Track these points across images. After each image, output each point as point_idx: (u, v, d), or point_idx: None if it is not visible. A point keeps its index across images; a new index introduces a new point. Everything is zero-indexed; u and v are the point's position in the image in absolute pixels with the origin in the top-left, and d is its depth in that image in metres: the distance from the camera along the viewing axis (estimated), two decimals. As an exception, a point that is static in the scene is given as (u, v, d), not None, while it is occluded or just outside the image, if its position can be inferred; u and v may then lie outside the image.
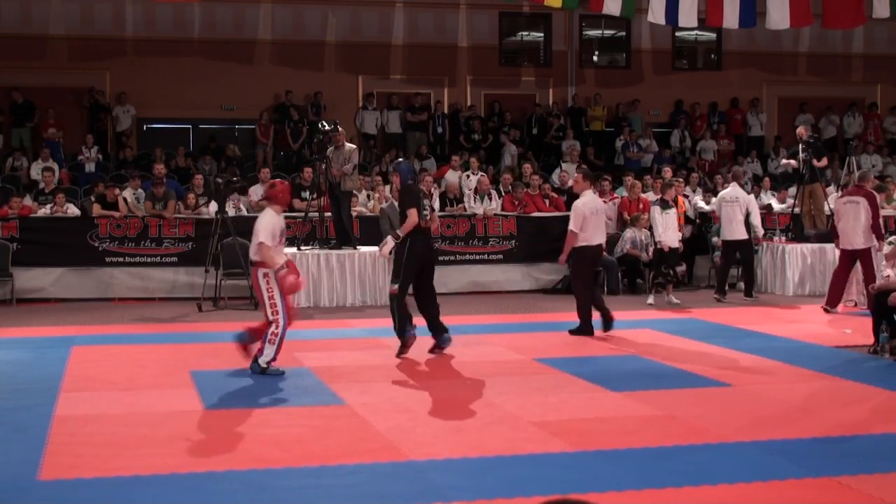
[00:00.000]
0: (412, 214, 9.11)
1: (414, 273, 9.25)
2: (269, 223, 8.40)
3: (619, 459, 5.93)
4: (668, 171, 16.90)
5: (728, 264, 14.38)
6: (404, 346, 9.27)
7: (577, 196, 15.61)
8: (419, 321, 9.49)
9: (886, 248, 10.41)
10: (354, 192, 14.41)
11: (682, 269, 14.27)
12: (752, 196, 14.80)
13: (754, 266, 14.51)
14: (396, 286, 9.16)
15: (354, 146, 14.18)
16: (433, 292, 9.44)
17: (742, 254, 14.28)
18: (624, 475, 5.61)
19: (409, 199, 9.23)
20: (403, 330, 9.23)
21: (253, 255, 8.49)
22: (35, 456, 5.94)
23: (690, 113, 21.65)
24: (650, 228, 13.93)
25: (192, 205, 14.66)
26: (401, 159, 10.25)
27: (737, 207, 13.94)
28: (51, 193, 14.93)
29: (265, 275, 8.37)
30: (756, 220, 14.35)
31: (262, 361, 8.40)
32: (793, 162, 15.22)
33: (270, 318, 8.34)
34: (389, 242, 9.49)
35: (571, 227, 10.77)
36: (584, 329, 10.68)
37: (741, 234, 13.97)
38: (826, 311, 12.45)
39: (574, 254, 10.86)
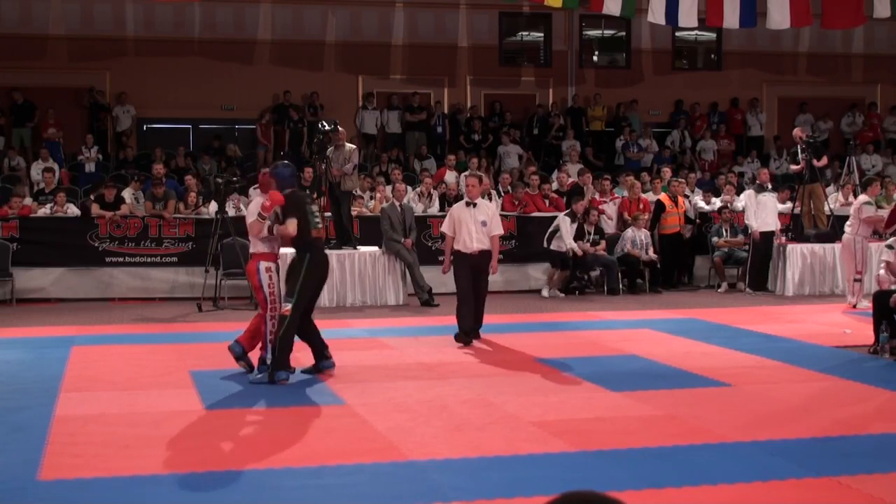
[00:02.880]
0: (291, 224, 8.20)
1: (319, 286, 8.55)
2: (254, 203, 8.45)
3: (619, 459, 5.93)
4: (667, 171, 16.93)
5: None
6: (270, 381, 8.08)
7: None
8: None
9: (887, 253, 10.31)
10: (356, 192, 14.41)
11: (595, 273, 14.72)
12: (745, 192, 15.47)
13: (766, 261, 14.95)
14: (290, 306, 8.10)
15: (354, 146, 14.17)
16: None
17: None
18: (624, 475, 5.61)
19: (293, 207, 8.28)
20: (280, 367, 8.08)
21: (252, 248, 8.46)
22: (35, 456, 5.94)
23: (690, 113, 21.64)
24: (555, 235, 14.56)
25: (192, 204, 14.66)
26: (284, 162, 9.26)
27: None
28: (51, 193, 14.92)
29: (268, 268, 8.33)
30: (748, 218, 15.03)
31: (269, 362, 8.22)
32: (800, 166, 15.22)
33: (269, 314, 8.25)
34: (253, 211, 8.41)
35: (502, 230, 10.65)
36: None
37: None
38: None
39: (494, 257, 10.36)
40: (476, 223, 10.15)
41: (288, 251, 9.06)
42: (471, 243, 10.12)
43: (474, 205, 10.27)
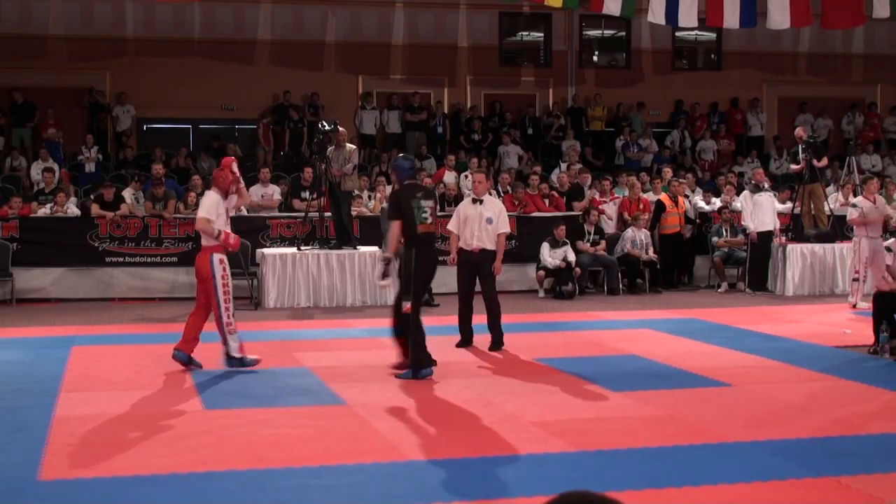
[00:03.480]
0: (394, 226, 8.41)
1: (426, 283, 8.66)
2: (210, 201, 8.63)
3: (619, 459, 5.93)
4: (668, 171, 16.91)
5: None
6: (416, 377, 8.30)
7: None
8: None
9: (888, 256, 10.30)
10: (355, 191, 14.41)
11: (567, 288, 14.37)
12: (742, 193, 15.51)
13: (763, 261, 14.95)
14: (409, 303, 8.27)
15: (354, 146, 14.17)
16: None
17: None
18: (624, 475, 5.61)
19: (393, 208, 8.53)
20: (421, 365, 8.33)
21: (204, 241, 8.63)
22: (35, 456, 5.94)
23: (690, 113, 21.63)
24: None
25: (192, 204, 14.65)
26: (400, 155, 9.50)
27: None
28: (51, 193, 14.92)
29: (221, 260, 8.56)
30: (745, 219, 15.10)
31: (235, 353, 8.54)
32: (801, 166, 15.21)
33: (222, 306, 8.49)
34: (380, 267, 8.78)
35: (508, 229, 10.34)
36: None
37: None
38: None
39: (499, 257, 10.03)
40: (481, 220, 9.80)
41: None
42: (471, 241, 9.81)
43: (481, 202, 9.90)
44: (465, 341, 9.96)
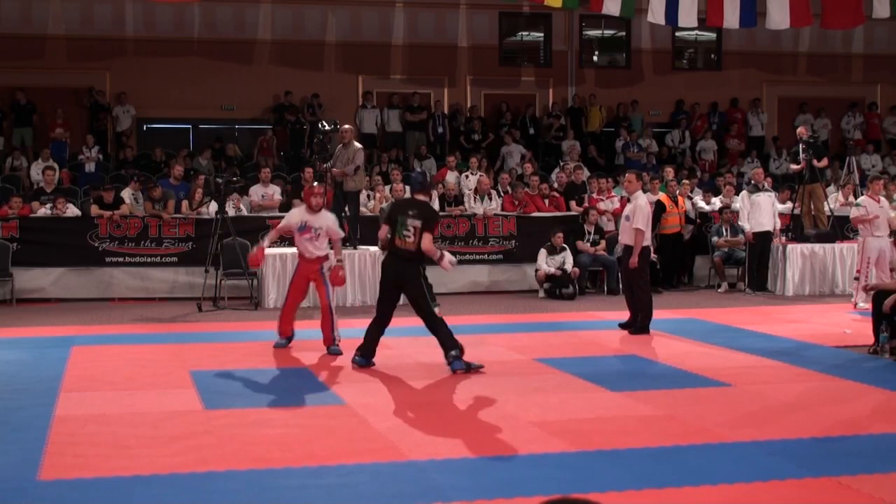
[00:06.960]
0: (382, 228, 9.00)
1: (380, 293, 9.14)
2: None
3: (619, 459, 5.93)
4: (669, 171, 16.88)
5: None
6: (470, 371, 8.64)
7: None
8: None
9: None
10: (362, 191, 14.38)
11: (568, 291, 14.44)
12: (741, 193, 15.47)
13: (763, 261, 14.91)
14: (437, 308, 9.21)
15: (360, 146, 14.12)
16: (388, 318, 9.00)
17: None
18: (624, 475, 5.61)
19: (384, 213, 9.26)
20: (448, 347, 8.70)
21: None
22: (35, 456, 5.94)
23: (690, 113, 21.63)
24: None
25: (196, 202, 14.65)
26: (418, 171, 10.45)
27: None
28: (52, 193, 14.92)
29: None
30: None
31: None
32: (801, 166, 15.18)
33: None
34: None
35: (641, 225, 10.74)
36: (646, 327, 10.87)
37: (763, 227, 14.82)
38: None
39: (635, 252, 10.78)
40: (622, 218, 11.08)
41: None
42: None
43: (629, 200, 11.17)
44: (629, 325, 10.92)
